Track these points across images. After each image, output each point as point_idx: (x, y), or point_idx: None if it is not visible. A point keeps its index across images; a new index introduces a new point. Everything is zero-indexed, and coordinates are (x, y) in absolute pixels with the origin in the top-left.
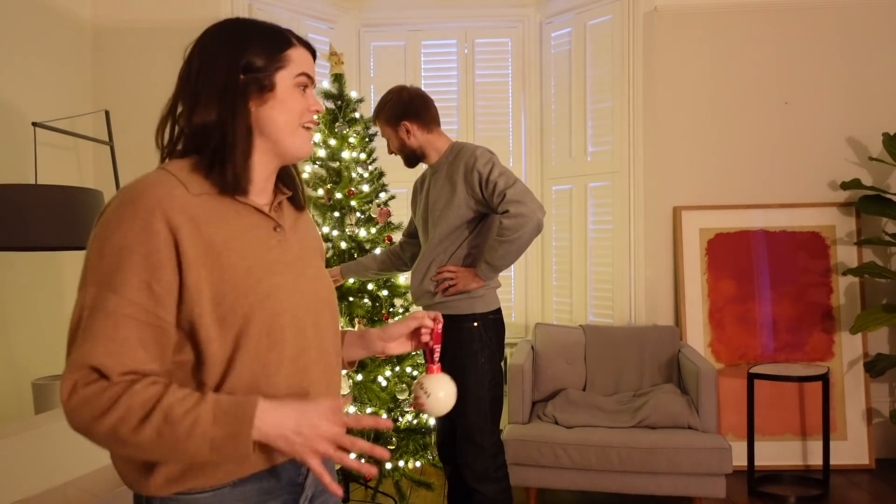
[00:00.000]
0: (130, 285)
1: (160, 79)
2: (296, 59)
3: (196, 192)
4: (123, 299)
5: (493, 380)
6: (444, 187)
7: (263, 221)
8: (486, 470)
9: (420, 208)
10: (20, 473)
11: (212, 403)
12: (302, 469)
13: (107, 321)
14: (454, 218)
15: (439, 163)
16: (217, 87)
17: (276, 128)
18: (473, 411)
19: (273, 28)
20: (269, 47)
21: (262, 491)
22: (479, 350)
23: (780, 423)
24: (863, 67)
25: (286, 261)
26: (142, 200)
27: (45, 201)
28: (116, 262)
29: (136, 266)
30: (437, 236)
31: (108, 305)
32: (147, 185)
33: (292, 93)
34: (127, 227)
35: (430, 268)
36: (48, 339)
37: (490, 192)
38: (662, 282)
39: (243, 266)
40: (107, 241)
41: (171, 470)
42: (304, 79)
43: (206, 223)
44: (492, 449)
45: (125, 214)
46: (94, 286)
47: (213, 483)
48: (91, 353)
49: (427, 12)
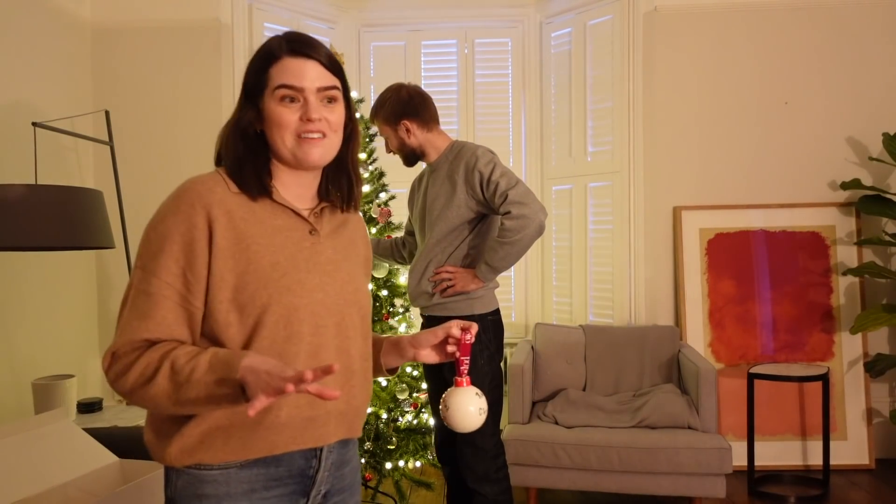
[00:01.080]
0: (170, 271)
1: (160, 79)
2: (276, 73)
3: (235, 191)
4: (162, 282)
5: (492, 381)
6: (444, 186)
7: (300, 224)
8: (487, 471)
9: (417, 207)
10: (20, 473)
11: (210, 353)
12: (312, 462)
13: (148, 300)
14: (453, 218)
15: (438, 161)
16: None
17: (274, 145)
18: None
19: (267, 46)
20: (256, 69)
21: (268, 477)
22: (477, 352)
23: (780, 423)
24: (863, 67)
25: (316, 261)
26: (186, 195)
27: (45, 201)
28: (159, 249)
29: (175, 254)
30: (436, 236)
31: (151, 287)
32: (193, 182)
33: (275, 109)
34: (171, 218)
35: (427, 268)
36: (48, 339)
37: (492, 192)
38: (662, 282)
39: (270, 260)
40: (153, 229)
41: (185, 441)
42: (284, 90)
43: (240, 218)
44: (492, 450)
45: (171, 207)
46: (140, 269)
47: (221, 459)
48: (131, 328)
49: (427, 12)
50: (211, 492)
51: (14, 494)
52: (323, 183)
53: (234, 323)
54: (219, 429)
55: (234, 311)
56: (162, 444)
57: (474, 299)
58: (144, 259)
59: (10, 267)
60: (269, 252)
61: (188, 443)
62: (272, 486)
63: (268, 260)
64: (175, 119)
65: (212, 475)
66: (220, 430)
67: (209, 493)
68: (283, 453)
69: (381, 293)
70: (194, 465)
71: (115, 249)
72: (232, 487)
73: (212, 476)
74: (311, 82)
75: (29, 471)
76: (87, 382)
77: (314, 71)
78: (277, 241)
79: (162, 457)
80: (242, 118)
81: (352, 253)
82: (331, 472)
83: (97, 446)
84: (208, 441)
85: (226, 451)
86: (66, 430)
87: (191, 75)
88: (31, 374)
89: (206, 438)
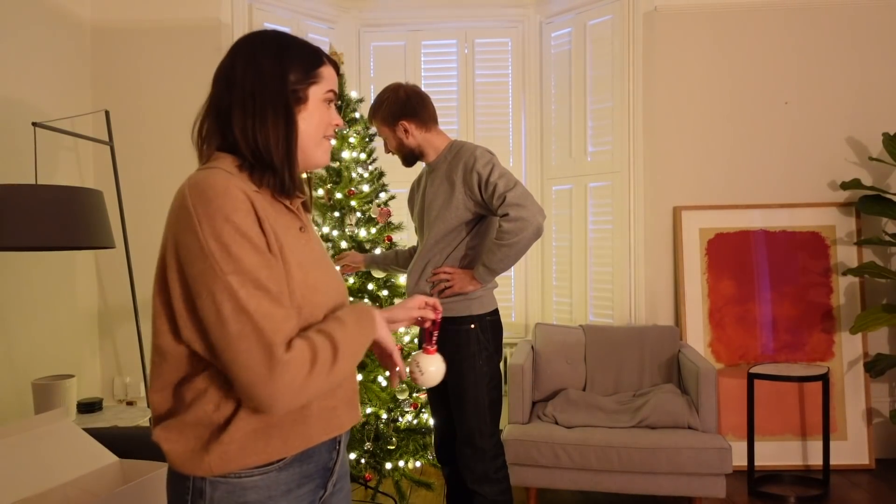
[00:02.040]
0: (262, 264)
1: (160, 79)
2: (326, 76)
3: (255, 189)
4: (266, 275)
5: (491, 381)
6: (442, 187)
7: (294, 221)
8: (487, 472)
9: (417, 207)
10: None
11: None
12: (333, 454)
13: (268, 295)
14: (452, 219)
15: (437, 161)
16: (270, 96)
17: (304, 138)
18: (472, 414)
19: (309, 45)
20: (307, 63)
21: (301, 474)
22: (476, 352)
23: (780, 423)
24: (863, 67)
25: (315, 258)
26: (232, 192)
27: (45, 201)
28: (243, 249)
29: (256, 247)
30: (434, 237)
31: (261, 283)
32: (222, 179)
33: (320, 106)
34: (235, 216)
35: (425, 268)
36: (48, 339)
37: (490, 194)
38: (662, 282)
39: (296, 259)
40: (224, 233)
41: (226, 449)
42: (332, 94)
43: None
44: (492, 451)
45: (226, 206)
46: (234, 275)
47: (264, 460)
48: (274, 322)
49: (427, 12)
50: (254, 498)
51: (14, 494)
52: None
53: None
54: (257, 430)
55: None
56: (197, 455)
57: (473, 300)
58: (231, 265)
59: (10, 267)
60: (293, 251)
61: (230, 449)
62: (304, 482)
63: (295, 259)
64: (175, 119)
65: (253, 481)
66: (259, 432)
67: (252, 499)
68: (314, 448)
69: (382, 293)
70: (233, 473)
71: (115, 249)
72: (272, 490)
73: (253, 482)
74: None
75: (29, 471)
76: (87, 382)
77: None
78: (291, 239)
79: (198, 468)
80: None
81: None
82: (341, 459)
83: (97, 446)
84: (251, 445)
85: (268, 451)
86: (66, 430)
87: (191, 75)
88: (31, 374)
89: (249, 442)
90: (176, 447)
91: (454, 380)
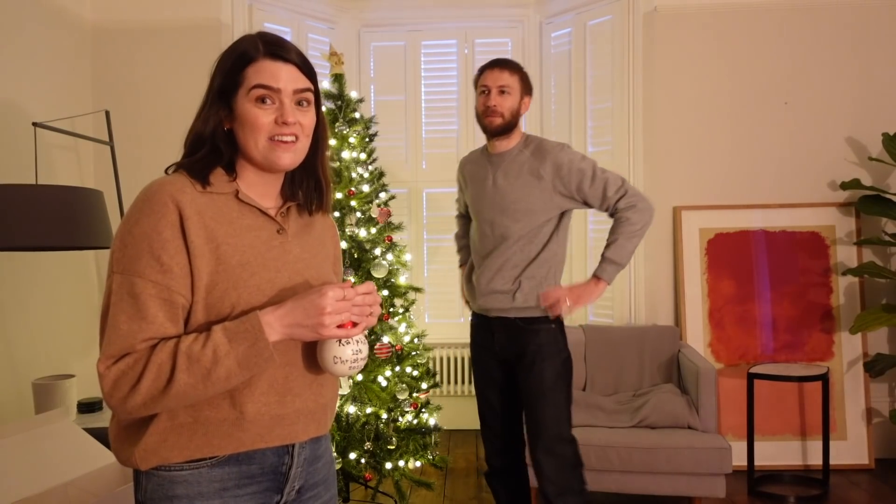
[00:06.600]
0: (154, 269)
1: (160, 79)
2: (252, 74)
3: (200, 190)
4: (147, 282)
5: (569, 385)
6: (526, 180)
7: (267, 223)
8: (571, 483)
9: (478, 194)
10: (20, 473)
11: (220, 330)
12: (285, 459)
13: (136, 302)
14: (540, 215)
15: (512, 151)
16: (204, 105)
17: (244, 146)
18: (553, 419)
19: (243, 44)
20: (230, 68)
21: (241, 474)
22: (556, 352)
23: (779, 423)
24: (863, 68)
25: (286, 260)
26: (158, 195)
27: (45, 201)
28: (138, 250)
29: (156, 251)
30: (516, 233)
31: (136, 288)
32: (161, 183)
33: (250, 111)
34: (145, 219)
35: (504, 266)
36: (48, 339)
37: (600, 189)
38: (662, 282)
39: (239, 260)
40: (129, 233)
41: (148, 441)
42: (260, 91)
43: (210, 217)
44: (572, 459)
45: (143, 209)
46: (119, 274)
47: (186, 456)
48: (123, 333)
49: (427, 12)
50: (182, 492)
51: (14, 494)
52: (287, 183)
53: (203, 322)
54: (182, 426)
55: (203, 310)
56: (126, 448)
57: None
58: (123, 263)
59: (10, 267)
60: (238, 252)
61: (151, 442)
62: (245, 483)
63: (237, 259)
64: (175, 119)
65: (182, 475)
66: (183, 428)
67: (180, 493)
68: (254, 451)
69: (382, 293)
70: (162, 466)
71: None
72: (203, 487)
73: (182, 476)
74: (287, 84)
75: (29, 471)
76: (87, 382)
77: (290, 73)
78: (246, 240)
79: (127, 460)
80: (211, 116)
81: (320, 252)
82: (304, 467)
83: (97, 446)
84: (171, 439)
85: (190, 447)
86: (66, 430)
87: (191, 75)
88: (31, 374)
89: (169, 436)
90: (114, 444)
91: (534, 382)
